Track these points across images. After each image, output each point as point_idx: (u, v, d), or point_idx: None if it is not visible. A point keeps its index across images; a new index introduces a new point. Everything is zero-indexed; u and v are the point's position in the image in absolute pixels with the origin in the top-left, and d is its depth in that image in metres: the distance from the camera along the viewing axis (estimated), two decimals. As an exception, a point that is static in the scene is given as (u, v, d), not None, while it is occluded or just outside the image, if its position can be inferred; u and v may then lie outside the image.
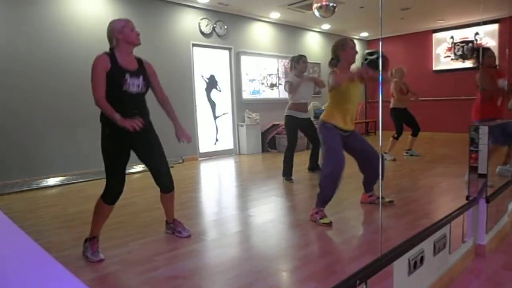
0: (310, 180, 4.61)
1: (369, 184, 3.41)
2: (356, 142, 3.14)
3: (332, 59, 3.10)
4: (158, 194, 4.16)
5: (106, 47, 2.45)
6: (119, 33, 2.40)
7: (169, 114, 2.70)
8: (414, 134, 5.97)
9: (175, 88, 6.33)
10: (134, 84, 2.40)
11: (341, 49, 3.02)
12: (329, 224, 2.90)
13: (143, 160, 2.59)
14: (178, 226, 2.82)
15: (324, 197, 2.98)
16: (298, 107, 4.49)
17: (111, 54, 2.40)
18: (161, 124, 2.77)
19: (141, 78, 2.45)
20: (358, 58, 3.16)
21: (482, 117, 4.12)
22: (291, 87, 4.46)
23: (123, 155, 2.48)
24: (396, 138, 5.90)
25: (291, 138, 4.57)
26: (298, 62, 4.53)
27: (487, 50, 4.43)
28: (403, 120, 5.92)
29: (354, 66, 3.08)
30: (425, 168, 4.91)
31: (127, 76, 2.37)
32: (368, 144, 3.18)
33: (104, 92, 2.33)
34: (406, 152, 6.16)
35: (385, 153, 5.94)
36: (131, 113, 2.34)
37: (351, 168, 3.27)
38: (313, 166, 4.83)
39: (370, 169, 3.22)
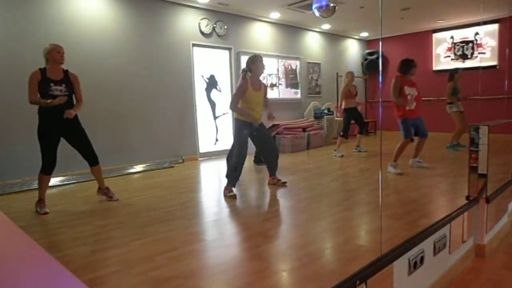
0: (309, 180, 4.62)
1: (273, 169, 4.26)
2: (261, 134, 4.01)
3: (246, 70, 4.01)
4: (158, 194, 4.20)
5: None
6: (49, 55, 3.43)
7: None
8: (360, 132, 6.60)
9: (175, 88, 6.32)
10: (57, 89, 3.42)
11: (252, 63, 3.90)
12: (234, 197, 3.77)
13: (73, 145, 3.59)
14: (109, 192, 3.76)
15: (233, 177, 3.93)
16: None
17: (43, 70, 3.43)
18: (161, 125, 2.77)
19: (63, 85, 3.46)
20: (358, 58, 3.21)
21: (402, 117, 4.71)
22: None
23: (53, 139, 3.43)
24: (344, 136, 6.41)
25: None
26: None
27: (411, 61, 4.79)
28: (352, 117, 6.43)
29: (261, 78, 4.10)
30: (424, 168, 4.91)
31: (52, 84, 3.40)
32: (270, 137, 4.06)
33: (36, 95, 3.36)
34: (355, 149, 6.70)
35: (335, 150, 6.44)
36: (56, 108, 3.37)
37: (350, 168, 3.27)
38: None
39: (272, 156, 4.16)
